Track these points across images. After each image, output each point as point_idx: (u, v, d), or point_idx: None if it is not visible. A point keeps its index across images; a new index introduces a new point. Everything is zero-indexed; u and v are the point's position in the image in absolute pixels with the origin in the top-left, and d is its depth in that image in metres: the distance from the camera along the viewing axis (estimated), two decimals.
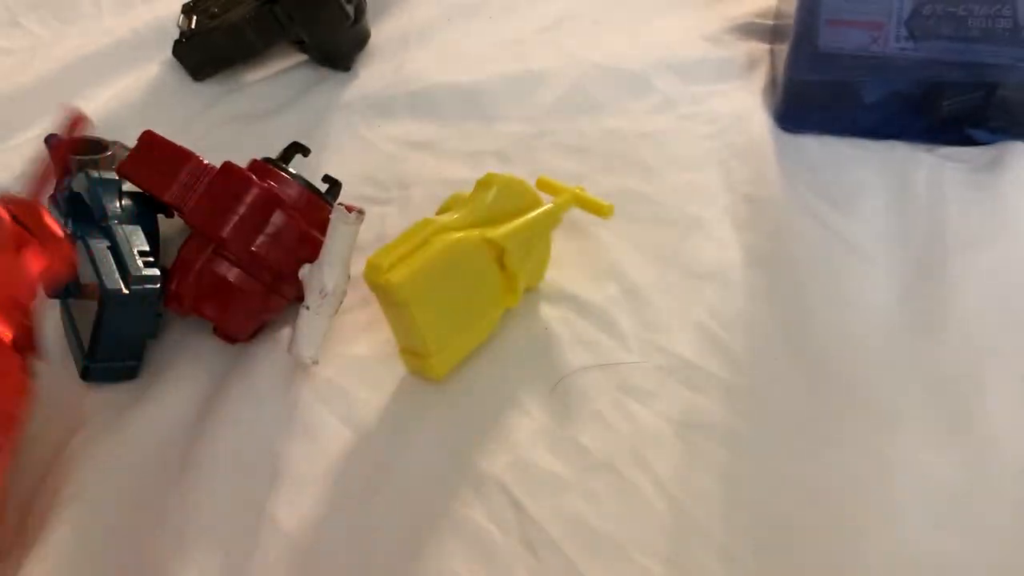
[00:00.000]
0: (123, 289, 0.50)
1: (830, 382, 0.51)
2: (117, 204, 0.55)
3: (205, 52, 0.74)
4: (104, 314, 0.50)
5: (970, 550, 0.44)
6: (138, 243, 0.53)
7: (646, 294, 0.57)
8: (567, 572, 0.44)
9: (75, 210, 0.56)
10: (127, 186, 0.57)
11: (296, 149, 0.60)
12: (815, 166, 0.65)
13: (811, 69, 0.65)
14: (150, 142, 0.56)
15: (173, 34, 0.75)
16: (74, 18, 0.84)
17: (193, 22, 0.74)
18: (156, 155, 0.55)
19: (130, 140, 0.58)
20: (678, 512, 0.46)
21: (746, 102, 0.70)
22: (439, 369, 0.51)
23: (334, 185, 0.59)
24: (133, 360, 0.52)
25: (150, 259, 0.52)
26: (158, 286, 0.51)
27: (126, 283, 0.50)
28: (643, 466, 0.48)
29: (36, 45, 0.81)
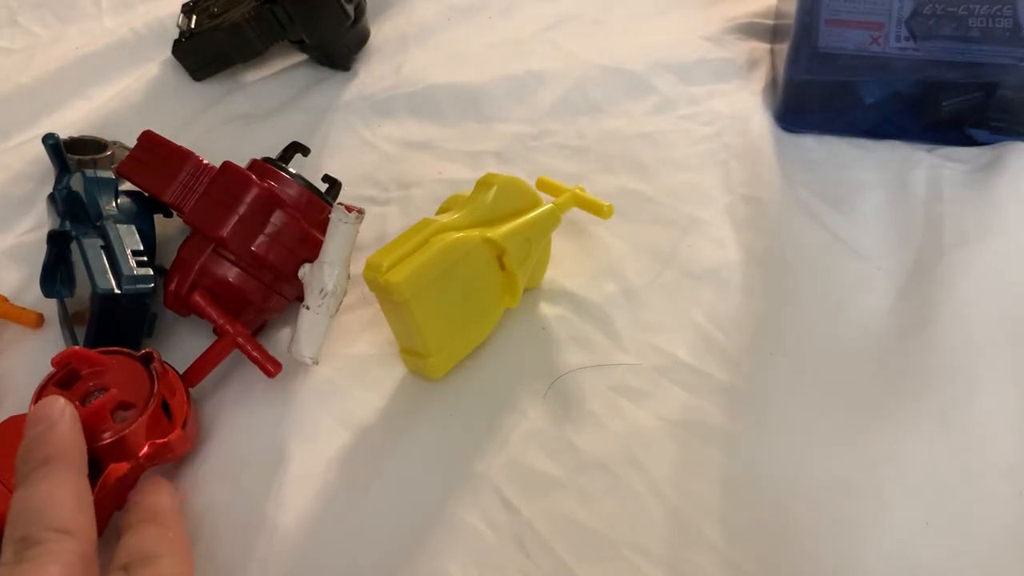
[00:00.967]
0: (115, 289, 0.50)
1: (827, 383, 0.51)
2: (113, 203, 0.55)
3: (205, 52, 0.74)
4: (96, 313, 0.50)
5: (962, 548, 0.44)
6: (132, 243, 0.53)
7: (644, 294, 0.57)
8: (560, 572, 0.44)
9: (72, 209, 0.56)
10: (126, 185, 0.57)
11: (296, 149, 0.60)
12: (815, 166, 0.64)
13: (811, 69, 0.65)
14: (150, 142, 0.56)
15: (173, 34, 0.75)
16: (74, 18, 0.84)
17: (193, 22, 0.74)
18: (155, 155, 0.55)
19: (130, 140, 0.58)
20: (672, 512, 0.46)
21: (746, 102, 0.70)
22: (439, 369, 0.51)
23: (334, 185, 0.59)
24: None
25: (143, 259, 0.52)
26: (151, 286, 0.51)
27: (118, 283, 0.50)
28: (637, 466, 0.47)
29: (36, 45, 0.81)
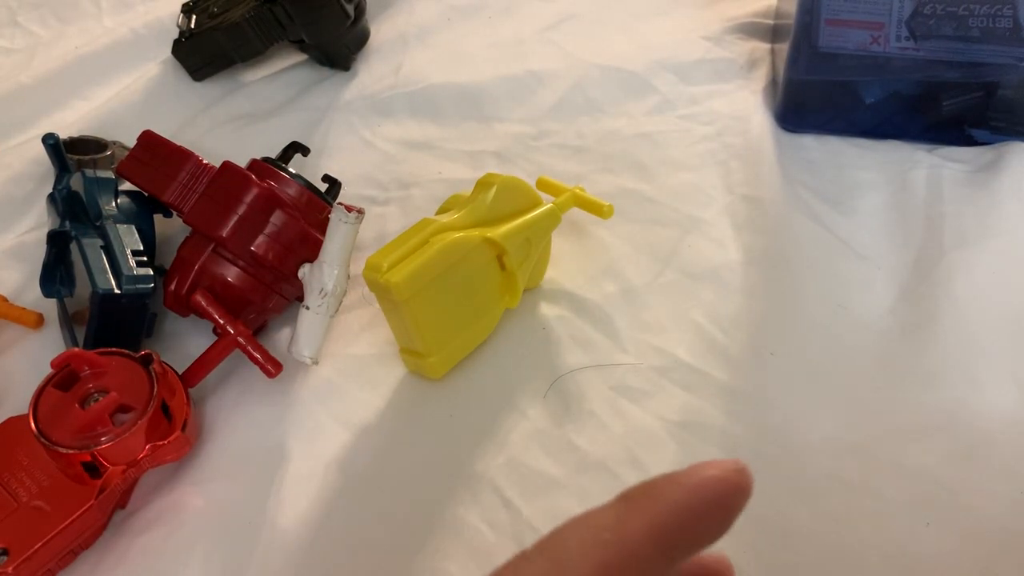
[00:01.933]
0: (115, 289, 0.50)
1: (827, 382, 0.51)
2: (113, 203, 0.55)
3: (205, 52, 0.74)
4: (96, 313, 0.50)
5: (962, 548, 0.44)
6: (132, 243, 0.53)
7: (644, 294, 0.57)
8: None
9: (72, 209, 0.56)
10: (126, 185, 0.57)
11: (296, 149, 0.60)
12: (814, 166, 0.64)
13: (811, 69, 0.65)
14: (150, 142, 0.56)
15: (173, 34, 0.75)
16: (74, 18, 0.84)
17: (193, 22, 0.74)
18: (155, 155, 0.55)
19: (130, 140, 0.58)
20: None
21: (746, 102, 0.70)
22: (438, 368, 0.51)
23: (334, 185, 0.59)
24: None
25: (143, 259, 0.52)
26: (151, 286, 0.51)
27: (118, 283, 0.50)
28: (637, 466, 0.48)
29: (36, 45, 0.81)
